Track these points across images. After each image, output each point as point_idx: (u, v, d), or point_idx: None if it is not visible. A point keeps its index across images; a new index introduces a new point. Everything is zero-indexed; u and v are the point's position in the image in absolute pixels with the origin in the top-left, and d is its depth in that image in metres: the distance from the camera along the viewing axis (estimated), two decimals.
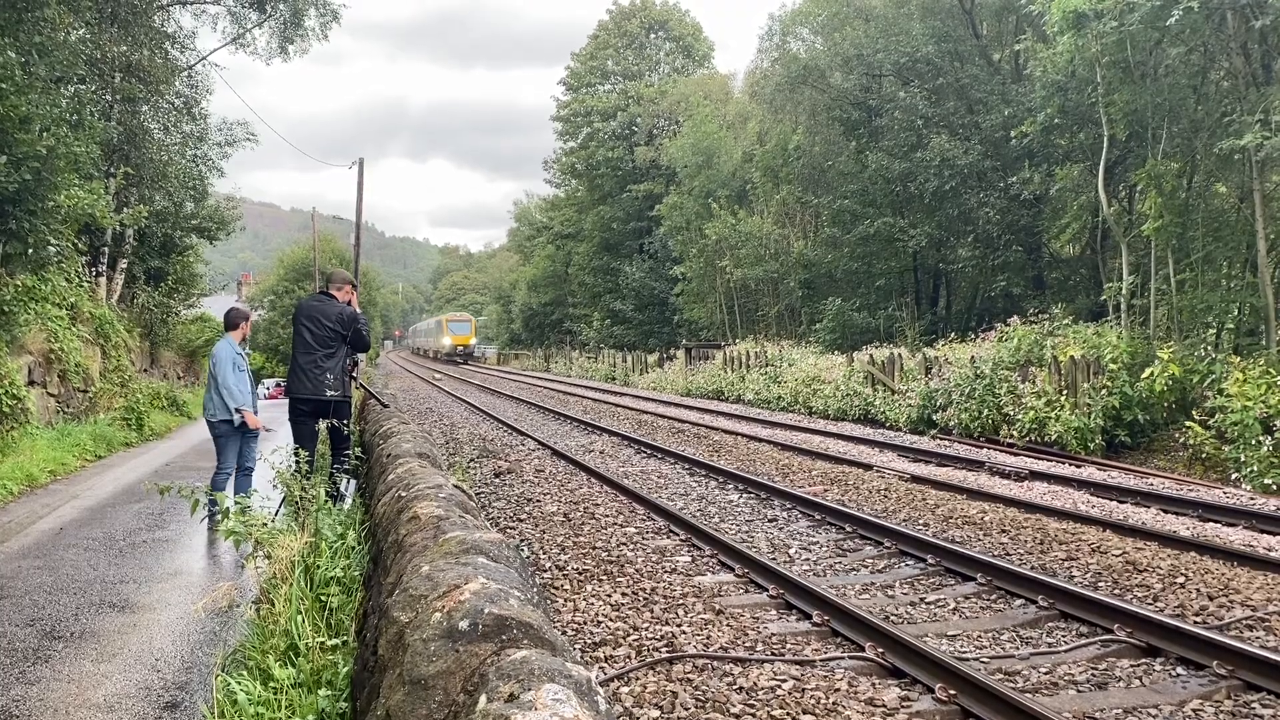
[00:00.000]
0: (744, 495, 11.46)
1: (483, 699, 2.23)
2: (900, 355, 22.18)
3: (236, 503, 6.16)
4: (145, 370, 22.89)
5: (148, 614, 5.86)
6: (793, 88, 33.92)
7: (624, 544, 8.70)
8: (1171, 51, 17.96)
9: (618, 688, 5.07)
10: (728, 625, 6.20)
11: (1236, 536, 9.18)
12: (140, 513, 9.28)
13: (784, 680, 5.18)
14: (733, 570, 7.73)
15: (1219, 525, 9.77)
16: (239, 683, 3.87)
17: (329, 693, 3.81)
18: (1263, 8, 15.88)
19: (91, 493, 10.55)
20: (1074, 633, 6.20)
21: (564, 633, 5.94)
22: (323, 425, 8.58)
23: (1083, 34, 18.10)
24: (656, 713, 4.77)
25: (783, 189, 37.70)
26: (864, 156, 32.01)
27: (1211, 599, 6.78)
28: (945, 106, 29.96)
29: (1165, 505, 10.72)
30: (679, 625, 6.19)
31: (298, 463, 6.36)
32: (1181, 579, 7.30)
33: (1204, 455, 13.74)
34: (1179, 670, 5.48)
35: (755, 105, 41.22)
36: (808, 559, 8.28)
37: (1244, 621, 6.28)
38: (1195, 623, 6.14)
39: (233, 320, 9.11)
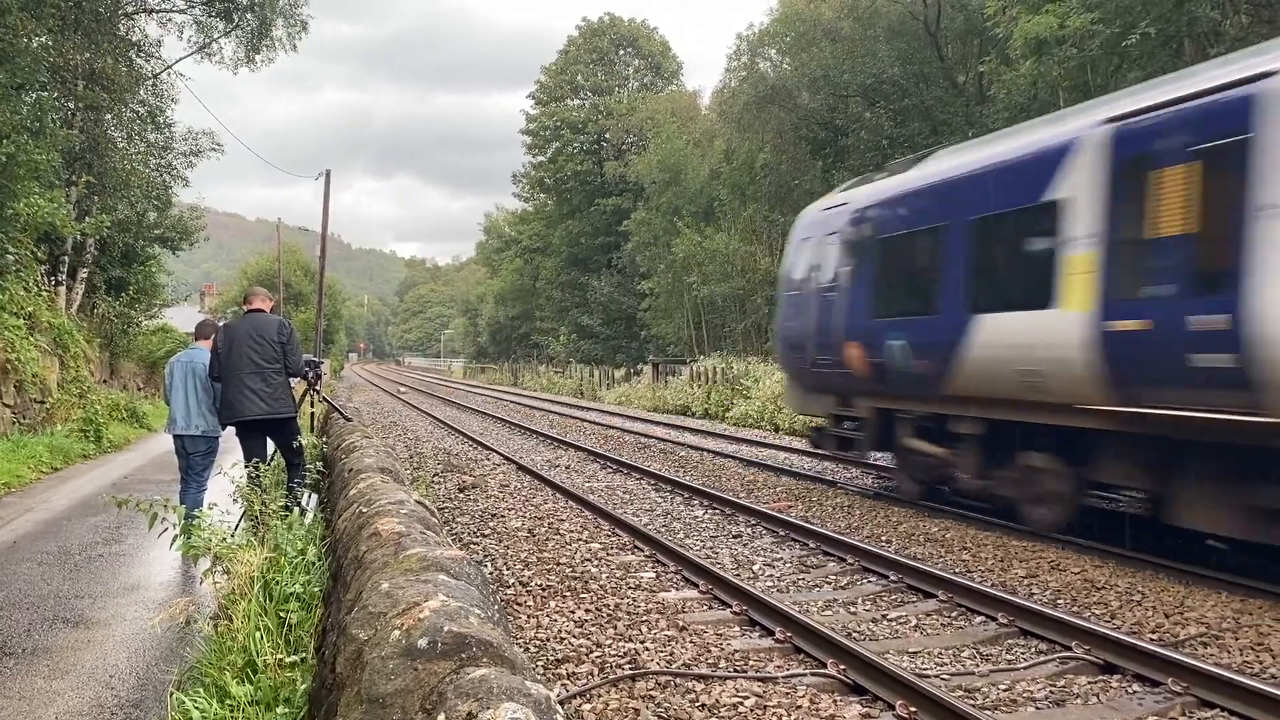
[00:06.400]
0: (709, 511, 11.47)
1: (441, 718, 2.22)
2: None
3: (194, 516, 6.07)
4: (105, 381, 22.54)
5: (103, 629, 5.76)
6: (760, 107, 34.22)
7: (588, 560, 8.68)
8: (1130, 75, 18.30)
9: (580, 705, 5.05)
10: (691, 642, 6.19)
11: (1191, 554, 9.29)
12: (97, 526, 9.12)
13: (746, 697, 5.18)
14: (697, 586, 7.73)
15: (1175, 543, 9.89)
16: (194, 700, 3.82)
17: (286, 710, 3.77)
18: (1219, 36, 16.26)
19: (47, 506, 10.36)
20: (1033, 650, 6.26)
21: (526, 649, 5.91)
22: (272, 445, 8.44)
23: (1045, 59, 18.41)
24: None
25: (750, 206, 37.95)
26: (830, 176, 32.23)
27: (1168, 616, 6.87)
28: (910, 127, 30.31)
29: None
30: (642, 642, 6.18)
31: (257, 476, 6.29)
32: (1138, 596, 7.40)
33: None
34: (1135, 687, 5.54)
35: (723, 124, 41.52)
36: (771, 575, 8.31)
37: (1199, 638, 6.37)
38: (1151, 640, 6.22)
39: (208, 331, 8.75)
